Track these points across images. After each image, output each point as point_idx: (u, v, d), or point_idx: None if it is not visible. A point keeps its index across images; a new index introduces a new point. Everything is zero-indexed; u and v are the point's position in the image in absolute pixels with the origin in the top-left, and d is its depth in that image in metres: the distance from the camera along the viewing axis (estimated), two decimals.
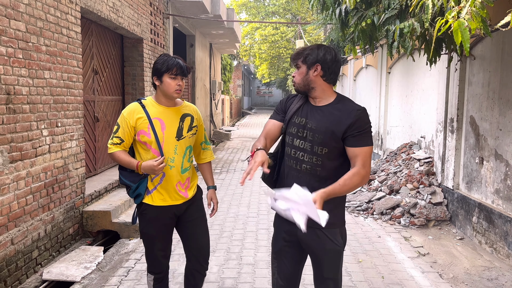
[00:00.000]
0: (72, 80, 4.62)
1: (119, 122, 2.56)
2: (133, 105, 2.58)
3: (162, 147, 2.53)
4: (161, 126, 2.52)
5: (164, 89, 2.50)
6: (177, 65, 2.47)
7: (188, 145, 2.63)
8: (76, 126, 4.72)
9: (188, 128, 2.62)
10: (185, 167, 2.62)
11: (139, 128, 2.51)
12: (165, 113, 2.55)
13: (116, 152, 2.56)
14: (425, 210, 5.41)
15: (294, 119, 2.24)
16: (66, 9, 4.49)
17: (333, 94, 2.22)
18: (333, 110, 2.15)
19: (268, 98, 53.67)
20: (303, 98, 2.29)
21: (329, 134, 2.10)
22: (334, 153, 2.14)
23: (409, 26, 3.16)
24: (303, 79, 2.18)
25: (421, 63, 6.63)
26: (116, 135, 2.56)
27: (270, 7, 32.67)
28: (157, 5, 8.10)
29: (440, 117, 5.76)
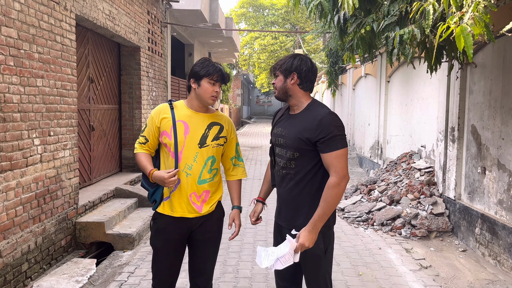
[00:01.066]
0: (66, 88, 4.54)
1: (147, 122, 2.51)
2: (162, 105, 2.50)
3: (181, 152, 2.40)
4: (185, 130, 2.41)
5: (200, 93, 2.39)
6: (218, 71, 2.39)
7: (210, 155, 2.46)
8: (69, 135, 4.62)
9: (214, 137, 2.47)
10: (203, 178, 2.44)
11: (162, 129, 2.42)
12: (192, 117, 2.44)
13: (139, 153, 2.49)
14: (427, 221, 5.30)
15: (275, 130, 2.40)
16: (61, 16, 4.42)
17: (307, 100, 2.31)
18: (302, 116, 2.26)
19: (267, 108, 53.69)
20: (284, 109, 2.44)
21: (297, 139, 2.20)
22: (306, 156, 2.21)
23: (409, 32, 3.08)
24: (281, 87, 2.30)
25: (420, 71, 6.56)
26: (142, 134, 2.50)
27: (269, 17, 32.83)
28: (155, 14, 8.06)
29: (440, 126, 5.68)
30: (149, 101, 7.72)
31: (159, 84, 8.40)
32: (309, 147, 2.18)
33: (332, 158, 2.13)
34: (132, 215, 5.55)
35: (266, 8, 33.50)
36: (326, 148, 2.13)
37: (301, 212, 2.25)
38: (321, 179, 2.23)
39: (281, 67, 2.28)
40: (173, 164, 2.41)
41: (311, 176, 2.23)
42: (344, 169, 2.14)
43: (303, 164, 2.22)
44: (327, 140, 2.12)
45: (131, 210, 5.68)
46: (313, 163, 2.22)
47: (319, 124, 2.14)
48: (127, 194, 5.96)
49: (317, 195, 2.22)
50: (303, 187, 2.24)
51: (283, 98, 2.32)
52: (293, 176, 2.26)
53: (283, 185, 2.32)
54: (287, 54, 2.37)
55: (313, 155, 2.20)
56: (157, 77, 8.25)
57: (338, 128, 2.15)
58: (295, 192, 2.26)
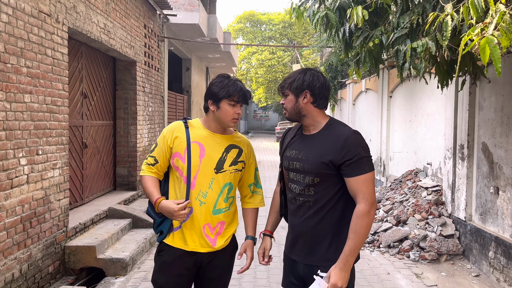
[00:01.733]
0: (57, 104, 4.30)
1: (157, 141, 2.25)
2: (176, 123, 2.24)
3: (195, 177, 2.14)
4: (200, 152, 2.16)
5: (220, 116, 2.16)
6: (239, 91, 2.15)
7: (228, 182, 2.20)
8: (59, 154, 4.36)
9: (232, 161, 2.21)
10: (219, 207, 2.18)
11: (175, 150, 2.17)
12: (209, 139, 2.20)
13: (145, 176, 2.22)
14: (436, 243, 5.03)
15: (287, 152, 2.15)
16: (52, 29, 4.20)
17: (324, 118, 2.08)
18: (322, 136, 2.03)
19: (265, 122, 53.62)
20: (296, 129, 2.21)
21: (318, 163, 1.97)
22: (328, 182, 1.98)
23: (423, 45, 2.87)
24: (293, 107, 2.06)
25: (425, 86, 6.37)
26: (152, 154, 2.23)
27: (267, 32, 32.94)
28: (152, 28, 7.88)
29: (448, 143, 5.46)
30: (145, 116, 7.48)
31: (155, 99, 8.18)
32: (332, 171, 1.95)
33: (360, 183, 1.90)
34: (126, 237, 5.25)
35: (264, 23, 33.64)
36: (352, 171, 1.90)
37: (321, 245, 1.99)
38: (343, 207, 1.99)
39: (291, 86, 2.04)
40: (185, 191, 2.15)
41: (333, 204, 1.98)
42: (373, 195, 1.91)
43: (324, 190, 1.98)
44: (353, 162, 1.90)
45: (125, 231, 5.40)
46: (336, 188, 1.98)
47: (344, 144, 1.91)
48: (121, 214, 5.67)
49: (340, 224, 1.98)
50: (323, 216, 1.99)
51: (296, 118, 2.08)
52: (312, 204, 2.01)
53: (299, 215, 2.06)
54: (296, 70, 2.12)
55: (336, 180, 1.97)
56: (153, 92, 8.04)
57: (364, 149, 1.93)
58: (314, 222, 2.01)
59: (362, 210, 1.88)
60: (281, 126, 31.51)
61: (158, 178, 2.25)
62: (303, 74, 2.03)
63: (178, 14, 8.72)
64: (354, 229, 1.88)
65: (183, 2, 8.83)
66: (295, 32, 31.30)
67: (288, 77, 2.09)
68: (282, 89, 2.09)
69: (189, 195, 2.14)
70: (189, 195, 2.15)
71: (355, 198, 1.93)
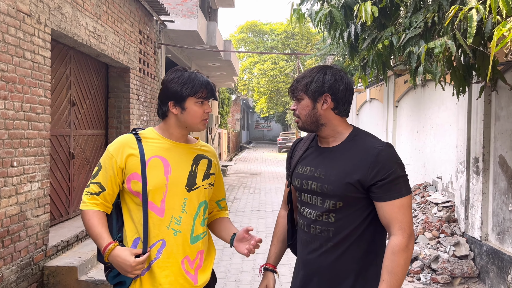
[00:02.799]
0: (36, 112, 3.95)
1: (101, 161, 1.76)
2: (124, 137, 1.78)
3: (163, 200, 1.69)
4: (165, 168, 1.73)
5: (188, 119, 1.74)
6: (207, 85, 1.74)
7: (202, 200, 1.81)
8: (39, 165, 4.01)
9: (204, 174, 1.82)
10: (196, 234, 1.77)
11: (130, 170, 1.70)
12: (172, 151, 1.77)
13: (88, 212, 1.69)
14: (449, 265, 4.62)
15: (299, 169, 1.76)
16: (32, 30, 3.87)
17: (347, 128, 1.70)
18: (346, 150, 1.65)
19: (267, 132, 53.41)
20: (309, 140, 1.82)
21: (343, 183, 1.58)
22: (354, 207, 1.61)
23: (441, 45, 2.52)
24: (309, 114, 1.67)
25: (434, 95, 6.02)
26: (95, 180, 1.73)
27: (269, 42, 32.79)
28: (148, 34, 7.58)
29: (461, 155, 5.08)
30: (139, 126, 7.13)
31: (151, 108, 7.84)
32: (359, 193, 1.59)
33: (395, 209, 1.53)
34: None
35: (266, 33, 33.51)
36: (385, 194, 1.54)
37: (342, 286, 1.62)
38: (371, 238, 1.63)
39: (308, 88, 1.65)
40: (157, 221, 1.70)
41: (359, 234, 1.61)
42: (411, 225, 1.54)
43: (348, 217, 1.61)
44: (387, 183, 1.53)
45: None
46: (363, 215, 1.61)
47: (375, 160, 1.55)
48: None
49: (366, 260, 1.62)
50: (346, 250, 1.61)
51: (312, 128, 1.69)
52: (332, 235, 1.63)
53: (314, 247, 1.67)
54: (312, 68, 1.72)
55: (363, 204, 1.61)
56: (149, 100, 7.70)
57: (400, 167, 1.58)
58: (334, 257, 1.63)
59: (399, 243, 1.52)
60: (283, 137, 31.17)
61: (105, 211, 1.74)
62: (323, 74, 1.65)
63: (176, 20, 8.43)
64: (390, 268, 1.51)
65: (181, 8, 8.55)
66: (297, 42, 31.16)
67: (303, 77, 1.69)
68: (295, 91, 1.69)
69: (157, 226, 1.71)
70: (159, 226, 1.71)
71: (388, 228, 1.57)
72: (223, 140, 20.95)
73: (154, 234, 1.71)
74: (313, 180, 1.66)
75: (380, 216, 1.58)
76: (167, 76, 1.76)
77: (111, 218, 1.78)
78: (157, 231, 1.71)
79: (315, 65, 1.73)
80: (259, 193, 10.70)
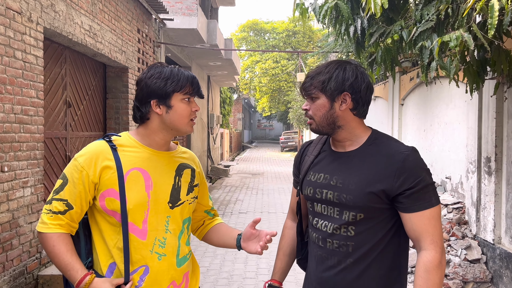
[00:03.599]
0: (28, 114, 3.79)
1: (67, 174, 1.46)
2: (96, 146, 1.49)
3: (144, 220, 1.46)
4: (145, 183, 1.48)
5: (174, 120, 1.50)
6: (192, 79, 1.52)
7: (186, 217, 1.60)
8: (31, 170, 3.84)
9: (188, 187, 1.59)
10: (183, 255, 1.57)
11: (105, 186, 1.44)
12: (154, 161, 1.52)
13: (51, 236, 1.41)
14: (461, 269, 4.44)
15: (311, 176, 1.56)
16: (23, 28, 3.70)
17: (365, 131, 1.54)
18: (366, 155, 1.47)
19: (269, 131, 53.27)
20: (320, 143, 1.64)
21: (365, 193, 1.42)
22: (377, 219, 1.45)
23: (457, 38, 2.33)
24: (326, 115, 1.48)
25: (442, 93, 5.82)
26: (60, 196, 1.43)
27: (270, 41, 32.59)
28: (147, 32, 7.40)
29: (471, 155, 4.88)
30: None
31: None
32: (383, 204, 1.42)
33: (425, 221, 1.38)
34: None
35: (267, 32, 33.32)
36: (414, 204, 1.38)
37: None
38: (395, 254, 1.47)
39: (326, 85, 1.46)
40: (139, 244, 1.47)
41: (381, 249, 1.45)
42: (442, 238, 1.39)
43: (370, 230, 1.44)
44: (416, 192, 1.38)
45: None
46: (387, 228, 1.45)
47: (402, 167, 1.39)
48: None
49: (389, 278, 1.46)
50: (367, 267, 1.44)
51: (327, 131, 1.51)
52: (351, 250, 1.45)
53: (331, 263, 1.49)
54: (328, 62, 1.54)
55: (387, 216, 1.45)
56: None
57: (428, 173, 1.42)
58: (354, 275, 1.45)
59: (433, 260, 1.36)
60: (285, 136, 31.00)
61: (70, 233, 1.47)
62: (342, 70, 1.46)
63: (176, 19, 8.26)
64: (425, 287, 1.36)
65: (181, 6, 8.38)
66: (299, 40, 30.95)
67: (318, 72, 1.49)
68: (309, 89, 1.49)
69: (139, 250, 1.47)
70: (141, 250, 1.47)
71: (418, 242, 1.41)
72: (225, 140, 20.79)
73: (136, 260, 1.47)
74: (329, 188, 1.49)
75: (407, 229, 1.42)
76: (145, 74, 1.52)
77: (78, 239, 1.52)
78: (139, 256, 1.48)
79: (318, 64, 1.54)
80: (261, 194, 10.52)
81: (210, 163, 14.91)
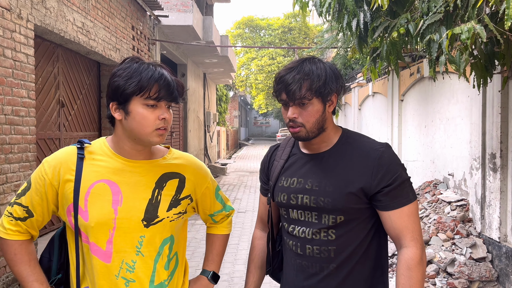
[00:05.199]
0: (20, 115, 3.65)
1: (32, 178, 1.33)
2: (65, 153, 1.33)
3: (109, 241, 1.28)
4: (113, 197, 1.29)
5: (134, 128, 1.28)
6: (158, 80, 1.25)
7: (167, 236, 1.37)
8: (24, 173, 3.70)
9: (171, 202, 1.36)
10: (159, 281, 1.35)
11: (68, 201, 1.29)
12: (127, 172, 1.32)
13: (13, 244, 1.30)
14: (466, 268, 4.34)
15: (282, 182, 1.47)
16: (12, 25, 3.56)
17: (337, 131, 1.47)
18: (340, 155, 1.41)
19: (266, 129, 53.21)
20: (288, 146, 1.54)
21: (344, 194, 1.35)
22: (357, 220, 1.39)
23: (469, 30, 2.22)
24: (318, 120, 1.37)
25: (443, 88, 5.72)
26: (20, 200, 1.31)
27: (266, 38, 32.41)
28: (141, 30, 7.25)
29: (475, 151, 4.78)
30: None
31: None
32: (362, 203, 1.36)
33: (405, 217, 1.34)
34: None
35: (263, 28, 33.13)
36: (393, 201, 1.34)
37: None
38: (376, 253, 1.42)
39: (323, 88, 1.33)
40: (102, 268, 1.29)
41: (364, 250, 1.39)
42: (421, 234, 1.34)
43: (351, 232, 1.38)
44: (394, 189, 1.33)
45: None
46: (367, 228, 1.40)
47: (379, 164, 1.34)
48: None
49: (373, 279, 1.41)
50: (351, 270, 1.38)
51: (314, 136, 1.39)
52: (334, 255, 1.38)
53: (314, 271, 1.40)
54: (295, 61, 1.42)
55: (367, 215, 1.39)
56: None
57: (404, 169, 1.38)
58: (339, 280, 1.38)
59: (415, 257, 1.32)
60: (282, 133, 30.92)
61: (31, 240, 1.34)
62: (328, 69, 1.36)
63: (171, 15, 8.11)
64: (408, 286, 1.30)
65: (176, 3, 8.23)
66: (294, 36, 30.81)
67: (305, 74, 1.32)
68: (298, 95, 1.32)
69: (103, 275, 1.30)
70: (105, 275, 1.30)
71: (398, 239, 1.36)
72: (222, 138, 20.66)
73: (99, 286, 1.30)
74: (304, 193, 1.40)
75: (387, 227, 1.37)
76: (114, 70, 1.32)
77: (52, 250, 1.38)
78: (103, 281, 1.29)
79: None
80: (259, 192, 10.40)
81: (207, 161, 14.79)
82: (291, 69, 1.36)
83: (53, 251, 1.38)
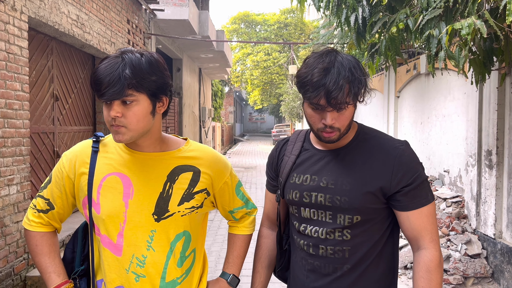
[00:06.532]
0: (13, 108, 3.59)
1: (53, 171, 1.37)
2: (81, 146, 1.35)
3: (120, 234, 1.27)
4: (124, 190, 1.28)
5: None
6: (109, 76, 1.17)
7: (181, 231, 1.33)
8: (17, 167, 3.66)
9: (183, 196, 1.33)
10: (170, 279, 1.31)
11: (84, 193, 1.31)
12: (138, 165, 1.31)
13: (36, 235, 1.33)
14: (461, 264, 4.36)
15: (294, 178, 1.40)
16: (6, 17, 3.50)
17: (352, 125, 1.38)
18: (358, 152, 1.35)
19: (261, 125, 53.14)
20: (299, 141, 1.46)
21: (362, 193, 1.30)
22: (373, 220, 1.33)
23: (469, 26, 2.20)
24: (351, 122, 1.32)
25: (440, 84, 5.72)
26: (43, 193, 1.34)
27: (262, 33, 32.32)
28: (137, 23, 7.18)
29: (471, 148, 4.79)
30: None
31: None
32: (380, 204, 1.32)
33: (424, 218, 1.29)
34: None
35: (259, 24, 33.02)
36: (412, 202, 1.29)
37: None
38: (390, 255, 1.38)
39: (356, 92, 1.23)
40: (113, 261, 1.29)
41: (378, 251, 1.35)
42: (438, 235, 1.35)
43: (366, 232, 1.33)
44: (413, 189, 1.28)
45: None
46: (383, 229, 1.35)
47: (399, 163, 1.29)
48: None
49: (386, 281, 1.37)
50: (364, 271, 1.34)
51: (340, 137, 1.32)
52: (348, 255, 1.33)
53: (327, 272, 1.36)
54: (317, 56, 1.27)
55: (384, 216, 1.35)
56: None
57: (423, 168, 1.34)
58: (350, 281, 1.34)
59: (434, 259, 1.28)
60: (277, 129, 30.88)
61: (54, 232, 1.37)
62: (357, 65, 1.26)
63: (166, 9, 8.04)
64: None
65: None
66: (290, 32, 30.74)
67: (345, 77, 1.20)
68: (341, 101, 1.22)
69: (114, 268, 1.30)
70: (116, 268, 1.30)
71: (416, 241, 1.32)
72: (217, 134, 20.61)
73: (110, 279, 1.30)
74: (319, 191, 1.34)
75: (404, 228, 1.33)
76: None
77: (76, 241, 1.40)
78: (114, 274, 1.30)
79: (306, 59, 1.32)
80: (255, 188, 10.40)
81: None
82: (328, 71, 1.22)
83: (77, 242, 1.40)
